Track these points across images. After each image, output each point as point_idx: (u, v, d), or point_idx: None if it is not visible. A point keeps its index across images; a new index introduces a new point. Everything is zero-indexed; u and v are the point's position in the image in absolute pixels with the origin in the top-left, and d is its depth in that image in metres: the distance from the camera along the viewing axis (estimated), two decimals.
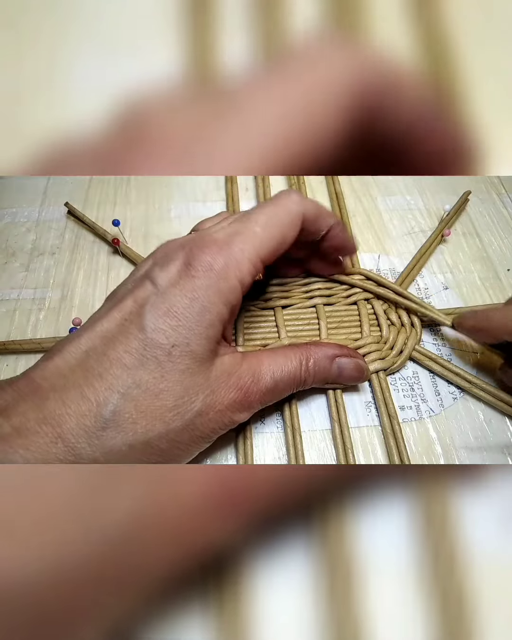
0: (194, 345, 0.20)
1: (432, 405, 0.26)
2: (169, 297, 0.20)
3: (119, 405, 0.18)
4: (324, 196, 0.35)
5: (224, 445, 0.25)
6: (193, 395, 0.20)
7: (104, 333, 0.20)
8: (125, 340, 0.19)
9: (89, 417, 0.18)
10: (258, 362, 0.22)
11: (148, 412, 0.19)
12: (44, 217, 0.34)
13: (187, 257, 0.20)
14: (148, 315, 0.19)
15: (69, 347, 0.20)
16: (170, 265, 0.20)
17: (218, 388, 0.20)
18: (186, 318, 0.19)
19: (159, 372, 0.19)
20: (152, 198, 0.35)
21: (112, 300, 0.21)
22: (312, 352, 0.23)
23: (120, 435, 0.18)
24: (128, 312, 0.20)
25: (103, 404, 0.18)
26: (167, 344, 0.19)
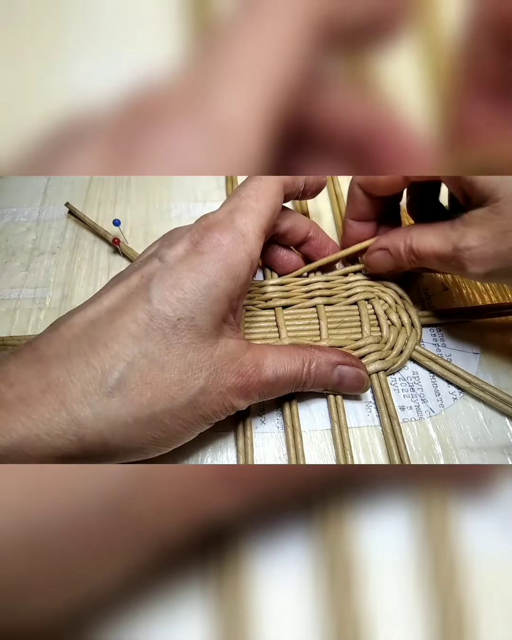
0: (199, 320, 0.20)
1: (432, 406, 0.26)
2: (176, 271, 0.20)
3: (124, 374, 0.18)
4: (324, 196, 0.35)
5: (225, 445, 0.25)
6: (197, 372, 0.20)
7: (110, 305, 0.20)
8: (131, 311, 0.19)
9: (93, 384, 0.18)
10: (262, 354, 0.22)
11: (154, 384, 0.19)
12: (44, 217, 0.34)
13: (194, 236, 0.21)
14: (154, 287, 0.19)
15: (74, 318, 0.20)
16: (177, 244, 0.21)
17: (221, 369, 0.20)
18: (192, 291, 0.19)
19: (164, 343, 0.19)
20: (152, 198, 0.35)
21: (118, 278, 0.22)
22: (315, 356, 0.23)
23: (126, 406, 0.18)
24: (135, 286, 0.20)
25: (108, 372, 0.18)
26: (173, 317, 0.19)
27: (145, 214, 0.34)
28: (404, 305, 0.28)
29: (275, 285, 0.29)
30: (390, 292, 0.29)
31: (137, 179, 0.36)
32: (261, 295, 0.28)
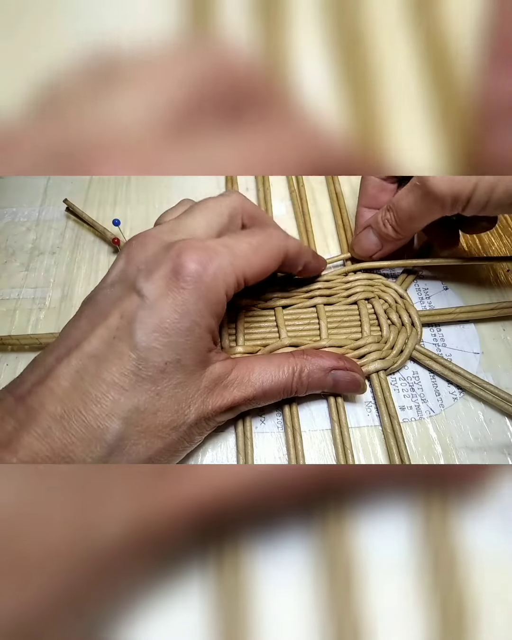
0: (185, 360, 0.20)
1: (433, 405, 0.26)
2: (157, 311, 0.19)
3: (121, 431, 0.18)
4: (324, 196, 0.35)
5: (224, 445, 0.25)
6: (186, 408, 0.20)
7: (93, 352, 0.19)
8: (117, 361, 0.19)
9: (94, 444, 0.18)
10: (248, 370, 0.22)
11: (148, 432, 0.19)
12: (44, 217, 0.34)
13: (174, 264, 0.19)
14: (138, 332, 0.19)
15: (59, 368, 0.19)
16: (155, 273, 0.20)
17: (207, 397, 0.21)
18: (177, 334, 0.19)
19: (155, 390, 0.19)
20: (152, 198, 0.35)
21: (93, 311, 0.20)
22: (307, 363, 0.23)
23: (125, 458, 0.19)
24: (115, 328, 0.19)
25: (106, 430, 0.18)
26: (161, 362, 0.19)
27: (145, 214, 0.34)
28: (404, 304, 0.28)
29: (275, 285, 0.29)
30: (390, 291, 0.29)
31: (137, 179, 0.36)
32: (261, 296, 0.28)
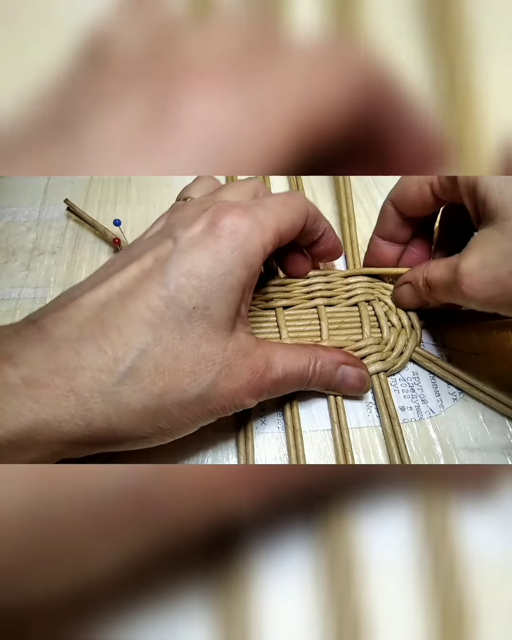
0: (213, 310, 0.19)
1: (433, 406, 0.26)
2: (192, 256, 0.19)
3: (137, 362, 0.18)
4: (324, 196, 0.36)
5: (225, 446, 0.25)
6: (210, 364, 0.19)
7: (122, 287, 0.19)
8: (145, 295, 0.18)
9: (105, 371, 0.17)
10: (271, 350, 0.22)
11: (166, 374, 0.18)
12: (44, 217, 0.34)
13: (211, 217, 0.20)
14: (170, 272, 0.19)
15: (83, 298, 0.19)
16: (193, 225, 0.20)
17: (234, 364, 0.20)
18: (208, 280, 0.19)
19: (179, 332, 0.19)
20: (152, 198, 0.35)
21: (127, 255, 0.20)
22: (320, 355, 0.23)
23: (136, 394, 0.18)
24: (148, 268, 0.19)
25: (121, 359, 0.18)
26: (189, 304, 0.19)
27: (146, 214, 0.34)
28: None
29: (276, 285, 0.29)
30: (390, 293, 0.29)
31: (137, 179, 0.36)
32: (261, 296, 0.28)
